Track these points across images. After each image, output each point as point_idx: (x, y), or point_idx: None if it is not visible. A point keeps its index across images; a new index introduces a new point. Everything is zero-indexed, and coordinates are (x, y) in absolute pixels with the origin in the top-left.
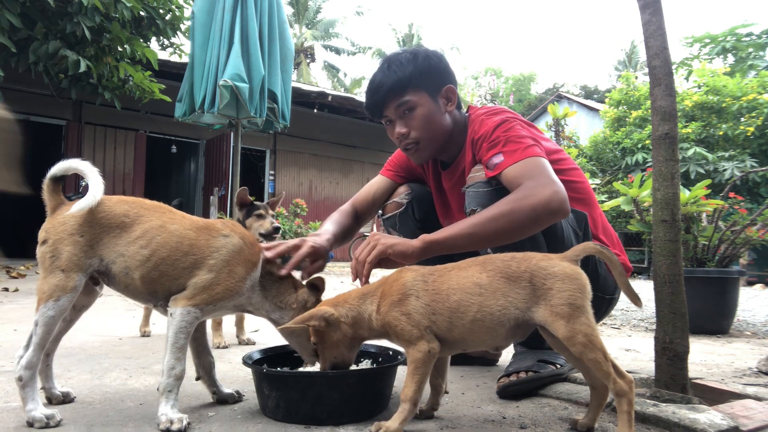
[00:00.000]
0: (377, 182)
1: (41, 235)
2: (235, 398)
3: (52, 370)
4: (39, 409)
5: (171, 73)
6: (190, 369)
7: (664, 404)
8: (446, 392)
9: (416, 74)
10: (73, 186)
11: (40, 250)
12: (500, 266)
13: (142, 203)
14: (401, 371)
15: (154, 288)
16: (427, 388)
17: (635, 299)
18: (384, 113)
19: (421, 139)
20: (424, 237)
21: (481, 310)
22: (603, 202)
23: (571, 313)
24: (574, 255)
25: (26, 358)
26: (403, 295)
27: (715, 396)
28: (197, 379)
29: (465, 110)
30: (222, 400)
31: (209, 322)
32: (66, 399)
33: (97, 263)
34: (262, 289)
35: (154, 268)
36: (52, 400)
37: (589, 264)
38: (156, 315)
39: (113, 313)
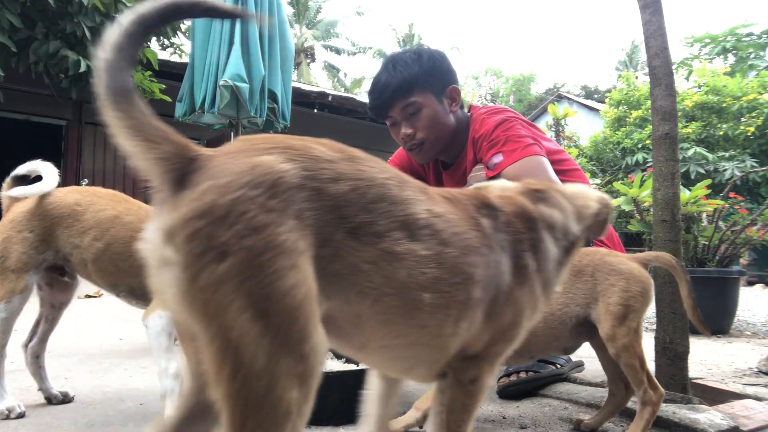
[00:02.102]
0: None
1: None
2: None
3: (46, 372)
4: (1, 403)
5: (171, 73)
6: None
7: (665, 404)
8: None
9: (422, 74)
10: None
11: None
12: None
13: (96, 191)
14: None
15: (113, 281)
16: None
17: (701, 325)
18: (389, 114)
19: (426, 140)
20: None
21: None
22: None
23: (624, 315)
24: (646, 259)
25: None
26: None
27: (715, 396)
28: None
29: (467, 110)
30: None
31: None
32: (65, 399)
33: (53, 257)
34: None
35: (110, 263)
36: (51, 400)
37: None
38: None
39: (114, 313)
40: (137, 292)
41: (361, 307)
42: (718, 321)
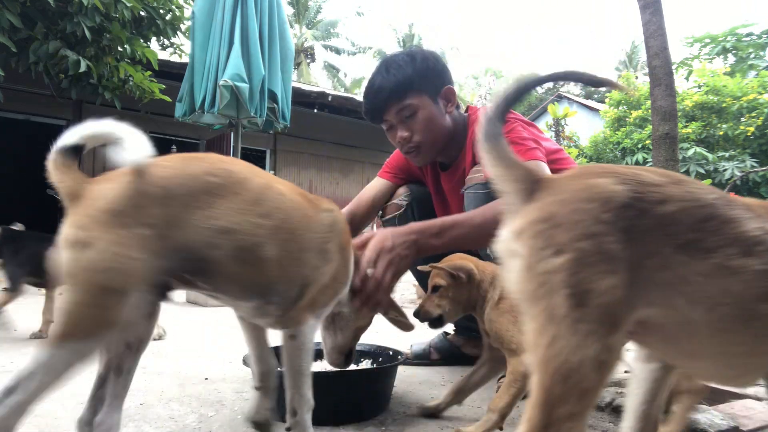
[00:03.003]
0: (376, 185)
1: (71, 234)
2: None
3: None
4: None
5: (171, 73)
6: (185, 370)
7: None
8: (459, 404)
9: (416, 77)
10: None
11: (75, 259)
12: None
13: (210, 156)
14: (401, 371)
15: (268, 282)
16: (440, 387)
17: None
18: (384, 117)
19: (423, 143)
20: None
21: None
22: None
23: None
24: None
25: None
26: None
27: (715, 396)
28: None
29: (464, 110)
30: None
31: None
32: None
33: (172, 262)
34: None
35: (279, 248)
36: None
37: None
38: None
39: None
40: (287, 302)
41: (693, 315)
42: None
